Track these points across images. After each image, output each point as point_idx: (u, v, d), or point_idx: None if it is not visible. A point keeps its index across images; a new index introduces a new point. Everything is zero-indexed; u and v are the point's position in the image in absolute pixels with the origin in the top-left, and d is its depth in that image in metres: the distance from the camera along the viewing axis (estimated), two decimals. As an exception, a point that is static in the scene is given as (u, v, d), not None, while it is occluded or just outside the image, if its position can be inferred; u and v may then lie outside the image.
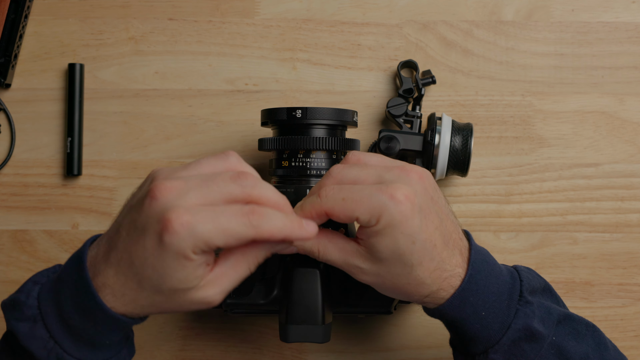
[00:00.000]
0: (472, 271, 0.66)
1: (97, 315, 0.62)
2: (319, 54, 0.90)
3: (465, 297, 0.66)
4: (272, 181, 0.78)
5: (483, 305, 0.66)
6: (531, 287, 0.69)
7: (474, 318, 0.66)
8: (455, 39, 0.90)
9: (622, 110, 0.90)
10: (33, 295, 0.65)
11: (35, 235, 0.90)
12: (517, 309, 0.66)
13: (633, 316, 0.89)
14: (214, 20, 0.91)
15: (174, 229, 0.58)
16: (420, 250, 0.63)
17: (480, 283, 0.66)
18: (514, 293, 0.67)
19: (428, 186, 0.65)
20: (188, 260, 0.59)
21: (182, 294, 0.61)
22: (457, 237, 0.67)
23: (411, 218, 0.62)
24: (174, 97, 0.90)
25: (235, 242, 0.59)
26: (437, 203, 0.66)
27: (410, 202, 0.62)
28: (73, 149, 0.89)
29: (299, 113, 0.75)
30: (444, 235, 0.65)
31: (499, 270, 0.68)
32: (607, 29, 0.90)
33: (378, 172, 0.65)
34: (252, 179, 0.61)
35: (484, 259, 0.68)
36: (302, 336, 0.71)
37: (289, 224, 0.61)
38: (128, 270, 0.61)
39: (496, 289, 0.66)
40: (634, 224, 0.89)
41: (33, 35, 0.91)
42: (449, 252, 0.65)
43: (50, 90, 0.91)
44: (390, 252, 0.63)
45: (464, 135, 0.83)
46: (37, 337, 0.63)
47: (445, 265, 0.65)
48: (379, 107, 0.90)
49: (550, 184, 0.89)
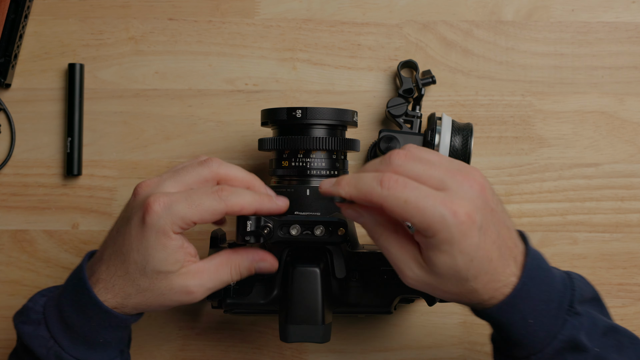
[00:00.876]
0: (525, 279, 0.64)
1: (92, 310, 0.68)
2: (319, 54, 0.90)
3: (514, 303, 0.64)
4: (272, 181, 0.78)
5: (531, 313, 0.65)
6: (582, 297, 0.67)
7: (521, 324, 0.65)
8: (455, 39, 0.90)
9: (622, 110, 0.90)
10: (40, 304, 0.71)
11: (35, 235, 0.90)
12: (566, 320, 0.65)
13: (633, 316, 0.89)
14: (214, 20, 0.91)
15: (153, 209, 0.66)
16: (477, 266, 0.62)
17: (532, 291, 0.65)
18: (563, 302, 0.66)
19: (489, 197, 0.64)
20: (168, 238, 0.66)
21: (164, 279, 0.67)
22: (512, 245, 0.65)
23: (470, 237, 0.61)
24: (174, 97, 0.90)
25: (209, 215, 0.66)
26: (495, 214, 0.64)
27: (471, 220, 0.61)
28: (73, 149, 0.89)
29: (299, 113, 0.75)
30: (500, 247, 0.64)
31: (552, 277, 0.67)
32: (607, 29, 0.90)
33: (442, 176, 0.63)
34: (217, 161, 0.70)
35: (538, 265, 0.66)
36: (302, 336, 0.71)
37: (259, 198, 0.68)
38: (117, 259, 0.68)
39: (546, 296, 0.65)
40: (634, 224, 0.89)
41: (33, 35, 0.91)
42: (504, 263, 0.64)
43: (50, 90, 0.91)
44: (446, 269, 0.62)
45: (464, 135, 0.83)
46: (38, 336, 0.69)
47: (499, 277, 0.64)
48: (379, 107, 0.90)
49: (550, 184, 0.89)
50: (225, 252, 0.71)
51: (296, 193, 0.74)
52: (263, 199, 0.69)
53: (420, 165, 0.63)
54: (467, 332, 0.89)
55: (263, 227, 0.69)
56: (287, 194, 0.74)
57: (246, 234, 0.69)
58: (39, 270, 0.89)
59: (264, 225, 0.69)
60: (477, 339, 0.89)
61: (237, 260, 0.70)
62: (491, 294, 0.65)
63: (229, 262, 0.70)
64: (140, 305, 0.69)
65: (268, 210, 0.69)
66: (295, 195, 0.74)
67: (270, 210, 0.69)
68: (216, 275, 0.69)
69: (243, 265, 0.70)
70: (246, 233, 0.69)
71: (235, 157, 0.90)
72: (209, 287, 0.69)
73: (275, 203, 0.70)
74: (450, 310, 0.89)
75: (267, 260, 0.71)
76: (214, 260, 0.70)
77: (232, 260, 0.70)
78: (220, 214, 0.67)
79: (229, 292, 0.75)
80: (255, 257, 0.71)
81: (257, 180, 0.71)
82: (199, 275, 0.68)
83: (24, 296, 0.89)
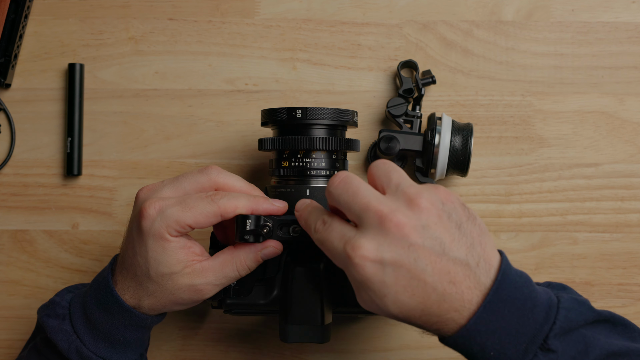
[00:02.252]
0: (484, 313, 0.60)
1: (113, 307, 0.70)
2: (319, 54, 0.90)
3: (471, 336, 0.60)
4: (272, 181, 0.78)
5: (492, 346, 0.60)
6: (567, 327, 0.61)
7: (481, 356, 0.61)
8: (455, 39, 0.90)
9: (622, 110, 0.90)
10: (66, 299, 0.73)
11: (35, 235, 0.90)
12: (536, 354, 0.60)
13: (633, 316, 0.89)
14: (214, 20, 0.91)
15: (148, 213, 0.68)
16: (394, 302, 0.60)
17: (493, 324, 0.60)
18: (538, 336, 0.60)
19: (409, 233, 0.60)
20: (165, 241, 0.68)
21: (169, 280, 0.69)
22: (462, 277, 0.60)
23: (373, 279, 0.60)
24: (174, 97, 0.90)
25: (203, 218, 0.68)
26: (419, 249, 0.60)
27: (369, 261, 0.59)
28: (73, 149, 0.89)
29: (298, 113, 0.75)
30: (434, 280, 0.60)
31: (530, 306, 0.61)
32: (607, 29, 0.90)
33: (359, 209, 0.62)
34: (216, 169, 0.71)
35: (510, 296, 0.61)
36: (302, 336, 0.71)
37: (254, 199, 0.69)
38: (126, 263, 0.71)
39: (515, 329, 0.60)
40: (634, 224, 0.89)
41: (33, 35, 0.91)
42: (438, 297, 0.60)
43: (50, 90, 0.91)
44: (371, 308, 0.62)
45: (464, 135, 0.83)
46: (62, 330, 0.71)
47: (432, 311, 0.61)
48: (379, 107, 0.90)
49: (550, 184, 0.89)
50: (229, 249, 0.72)
51: (296, 193, 0.74)
52: (259, 200, 0.70)
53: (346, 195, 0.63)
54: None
55: (262, 226, 0.69)
56: (287, 194, 0.74)
57: (245, 232, 0.69)
58: (39, 270, 0.89)
59: (263, 224, 0.69)
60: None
61: (241, 254, 0.71)
62: (434, 324, 0.62)
63: (233, 258, 0.71)
64: (155, 305, 0.71)
65: (264, 211, 0.70)
66: (295, 195, 0.74)
67: (266, 210, 0.70)
68: (222, 273, 0.70)
69: (248, 257, 0.71)
70: (245, 232, 0.69)
71: (235, 157, 0.90)
72: (216, 284, 0.71)
73: (271, 203, 0.71)
74: (450, 310, 0.89)
75: (269, 245, 0.71)
76: (218, 258, 0.71)
77: (236, 255, 0.71)
78: (213, 215, 0.68)
79: (229, 293, 0.75)
80: (258, 246, 0.71)
81: (255, 190, 0.73)
82: (205, 273, 0.70)
83: (24, 296, 0.89)
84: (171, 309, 0.72)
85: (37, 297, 0.89)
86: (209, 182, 0.71)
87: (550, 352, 0.60)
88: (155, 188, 0.71)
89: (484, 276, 0.61)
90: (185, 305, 0.72)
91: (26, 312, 0.89)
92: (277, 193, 0.75)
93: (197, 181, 0.71)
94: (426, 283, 0.60)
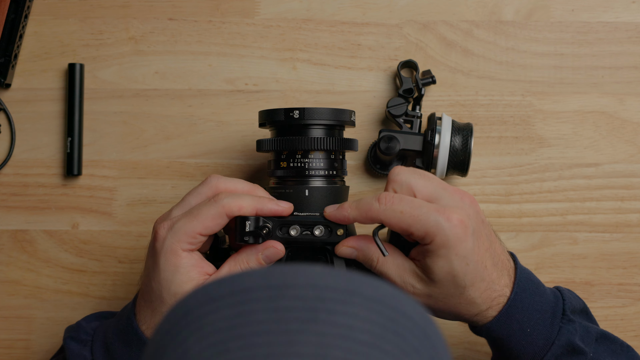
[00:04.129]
0: (518, 289, 0.69)
1: (132, 339, 0.70)
2: (319, 54, 0.90)
3: (511, 314, 0.68)
4: (271, 182, 0.78)
5: (528, 322, 0.69)
6: (572, 306, 0.71)
7: (520, 334, 0.69)
8: (455, 39, 0.90)
9: (622, 110, 0.90)
10: (92, 326, 0.74)
11: (35, 235, 0.90)
12: (560, 327, 0.69)
13: (633, 316, 0.89)
14: (214, 20, 0.91)
15: (159, 234, 0.69)
16: (473, 272, 0.66)
17: (526, 301, 0.69)
18: (557, 311, 0.70)
19: (479, 210, 0.69)
20: (178, 257, 0.68)
21: None
22: (505, 259, 0.70)
23: (465, 240, 0.65)
24: (174, 97, 0.90)
25: (210, 221, 0.68)
26: (487, 227, 0.69)
27: (464, 225, 0.65)
28: (73, 149, 0.89)
29: (296, 114, 0.75)
30: (494, 257, 0.68)
31: (543, 289, 0.71)
32: (607, 29, 0.90)
33: (436, 190, 0.68)
34: (216, 176, 0.71)
35: (529, 278, 0.70)
36: None
37: (258, 199, 0.70)
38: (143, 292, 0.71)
39: (540, 307, 0.69)
40: (634, 224, 0.89)
41: (33, 35, 0.91)
42: (498, 273, 0.68)
43: (50, 90, 0.91)
44: (444, 274, 0.66)
45: (464, 135, 0.83)
46: (81, 356, 0.71)
47: (495, 286, 0.68)
48: (379, 107, 0.90)
49: (550, 184, 0.89)
50: (231, 257, 0.71)
51: (295, 193, 0.74)
52: (263, 201, 0.70)
53: (418, 180, 0.68)
54: (467, 332, 0.89)
55: (262, 227, 0.69)
56: (285, 194, 0.74)
57: (245, 234, 0.69)
58: (39, 270, 0.90)
59: (262, 225, 0.69)
60: (477, 339, 0.89)
61: (243, 258, 0.71)
62: (488, 303, 0.68)
63: (237, 263, 0.71)
64: None
65: (270, 211, 0.70)
66: (294, 196, 0.74)
67: (272, 211, 0.70)
68: None
69: (250, 260, 0.70)
70: (245, 233, 0.69)
71: (235, 157, 0.90)
72: None
73: (277, 204, 0.70)
74: (450, 310, 0.89)
75: (270, 246, 0.71)
76: (223, 269, 0.71)
77: (239, 260, 0.71)
78: (219, 216, 0.68)
79: None
80: (259, 248, 0.71)
81: (259, 189, 0.73)
82: None
83: (24, 296, 0.89)
84: None
85: (37, 297, 0.89)
86: (211, 190, 0.71)
87: (571, 322, 0.69)
88: (166, 214, 0.72)
89: (511, 262, 0.71)
90: None
91: (26, 312, 0.89)
92: (275, 194, 0.75)
93: (199, 193, 0.71)
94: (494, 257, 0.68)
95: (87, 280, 0.89)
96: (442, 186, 0.69)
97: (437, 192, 0.68)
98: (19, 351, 0.89)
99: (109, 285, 0.90)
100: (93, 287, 0.90)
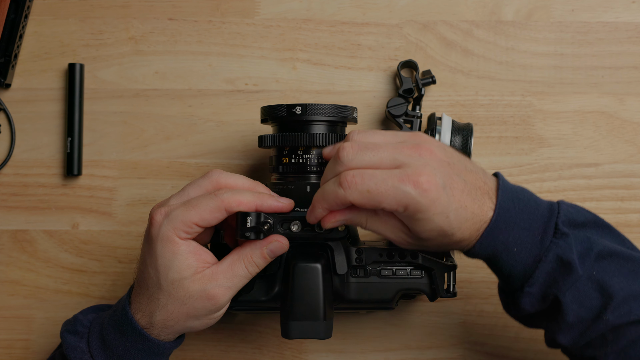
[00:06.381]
0: (500, 210, 0.67)
1: (127, 328, 0.70)
2: (319, 54, 0.90)
3: (494, 235, 0.67)
4: (273, 178, 0.78)
5: (514, 242, 0.67)
6: (570, 219, 0.68)
7: (507, 254, 0.68)
8: (455, 39, 0.90)
9: (622, 110, 0.90)
10: (88, 319, 0.74)
11: (35, 235, 0.90)
12: (551, 241, 0.67)
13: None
14: (214, 20, 0.91)
15: (155, 220, 0.69)
16: (455, 219, 0.66)
17: (510, 221, 0.67)
18: (549, 227, 0.68)
19: (442, 156, 0.67)
20: (174, 244, 0.68)
21: (179, 287, 0.68)
22: (481, 184, 0.69)
23: (438, 198, 0.65)
24: (174, 97, 0.90)
25: (208, 214, 0.68)
26: (454, 166, 0.68)
27: (433, 184, 0.64)
28: (73, 149, 0.89)
29: (298, 110, 0.75)
30: (470, 192, 0.67)
31: (534, 205, 0.69)
32: (607, 29, 0.90)
33: (392, 154, 0.67)
34: (218, 171, 0.71)
35: (515, 196, 0.68)
36: (304, 332, 0.71)
37: (259, 195, 0.70)
38: (139, 280, 0.71)
39: (528, 224, 0.68)
40: (634, 224, 0.89)
41: (33, 35, 0.91)
42: (479, 203, 0.67)
43: (50, 90, 0.91)
44: (429, 232, 0.67)
45: (464, 135, 0.83)
46: (78, 348, 0.72)
47: (477, 217, 0.67)
48: (379, 107, 0.90)
49: (550, 184, 0.89)
50: (235, 249, 0.71)
51: (296, 190, 0.74)
52: (264, 197, 0.70)
53: (369, 152, 0.67)
54: (467, 332, 0.89)
55: (263, 223, 0.69)
56: (287, 190, 0.74)
57: (246, 230, 0.69)
58: (39, 270, 0.89)
59: (264, 221, 0.69)
60: (477, 339, 0.89)
61: (247, 252, 0.70)
62: (475, 232, 0.68)
63: (240, 257, 0.70)
64: (168, 321, 0.70)
65: (269, 207, 0.70)
66: (295, 192, 0.74)
67: (272, 207, 0.70)
68: (232, 273, 0.69)
69: (255, 254, 0.70)
70: (246, 229, 0.69)
71: (235, 157, 0.90)
72: (228, 285, 0.69)
73: (277, 200, 0.70)
74: (450, 310, 0.89)
75: (274, 240, 0.71)
76: (226, 260, 0.70)
77: (243, 254, 0.70)
78: (218, 210, 0.68)
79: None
80: (263, 242, 0.70)
81: (260, 186, 0.72)
82: (215, 277, 0.69)
83: (24, 296, 0.89)
84: (185, 325, 0.71)
85: (37, 297, 0.89)
86: (212, 184, 0.71)
87: (564, 236, 0.67)
88: (163, 201, 0.72)
89: (490, 181, 0.69)
90: (200, 318, 0.70)
91: (26, 312, 0.89)
92: (277, 190, 0.75)
93: (200, 185, 0.71)
94: (470, 192, 0.67)
95: (87, 280, 0.89)
96: (397, 148, 0.67)
97: (395, 156, 0.66)
98: (19, 351, 0.89)
99: (109, 285, 0.89)
100: (93, 287, 0.90)
